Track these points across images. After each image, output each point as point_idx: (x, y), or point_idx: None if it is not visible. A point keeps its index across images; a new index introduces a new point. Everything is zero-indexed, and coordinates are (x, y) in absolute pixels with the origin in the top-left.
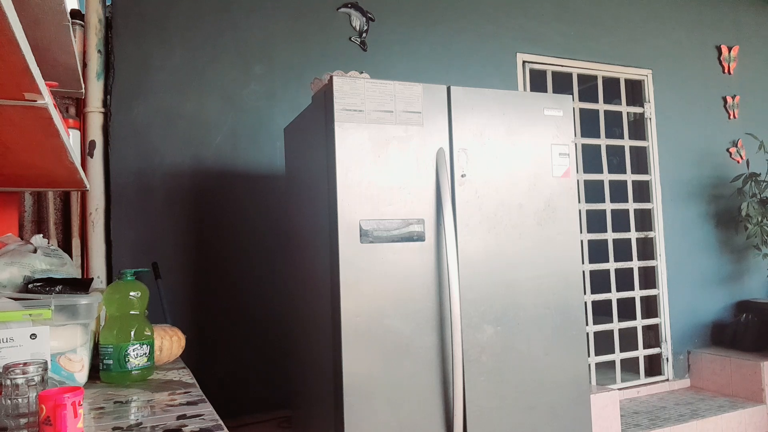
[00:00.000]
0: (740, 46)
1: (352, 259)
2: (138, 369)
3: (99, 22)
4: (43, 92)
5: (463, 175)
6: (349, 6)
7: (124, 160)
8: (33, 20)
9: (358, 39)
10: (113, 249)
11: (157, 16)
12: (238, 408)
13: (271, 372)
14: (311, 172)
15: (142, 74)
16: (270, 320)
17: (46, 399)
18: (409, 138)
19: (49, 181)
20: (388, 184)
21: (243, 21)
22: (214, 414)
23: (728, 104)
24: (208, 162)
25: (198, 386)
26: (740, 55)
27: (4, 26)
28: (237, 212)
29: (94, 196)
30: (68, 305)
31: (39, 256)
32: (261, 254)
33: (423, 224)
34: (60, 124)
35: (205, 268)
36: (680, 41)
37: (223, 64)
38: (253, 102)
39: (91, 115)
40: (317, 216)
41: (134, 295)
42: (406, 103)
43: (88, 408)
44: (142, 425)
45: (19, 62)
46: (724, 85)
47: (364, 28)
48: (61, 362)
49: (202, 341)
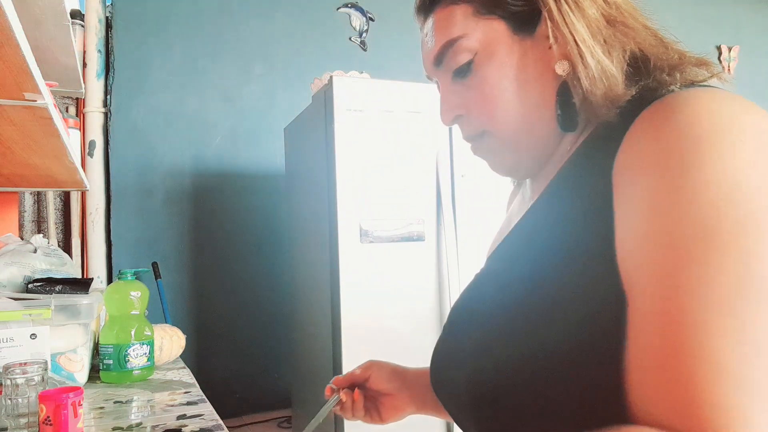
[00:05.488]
0: (740, 46)
1: (352, 259)
2: (138, 369)
3: (99, 22)
4: (43, 92)
5: (463, 175)
6: (349, 6)
7: (124, 160)
8: (33, 20)
9: (358, 39)
10: (113, 249)
11: (157, 16)
12: (238, 408)
13: (271, 372)
14: (311, 172)
15: (142, 74)
16: (270, 320)
17: (46, 399)
18: (409, 138)
19: (49, 181)
20: (388, 184)
21: (243, 21)
22: (214, 414)
23: None
24: (208, 162)
25: (198, 386)
26: (740, 55)
27: (4, 26)
28: (237, 212)
29: (94, 196)
30: (68, 305)
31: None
32: (261, 254)
33: (423, 224)
34: (60, 124)
35: (205, 268)
36: (680, 41)
37: (223, 64)
38: (253, 102)
39: (91, 115)
40: (317, 216)
41: (134, 295)
42: (406, 103)
43: (88, 408)
44: (142, 425)
45: (19, 62)
46: (724, 84)
47: (364, 28)
48: (61, 362)
49: (202, 341)
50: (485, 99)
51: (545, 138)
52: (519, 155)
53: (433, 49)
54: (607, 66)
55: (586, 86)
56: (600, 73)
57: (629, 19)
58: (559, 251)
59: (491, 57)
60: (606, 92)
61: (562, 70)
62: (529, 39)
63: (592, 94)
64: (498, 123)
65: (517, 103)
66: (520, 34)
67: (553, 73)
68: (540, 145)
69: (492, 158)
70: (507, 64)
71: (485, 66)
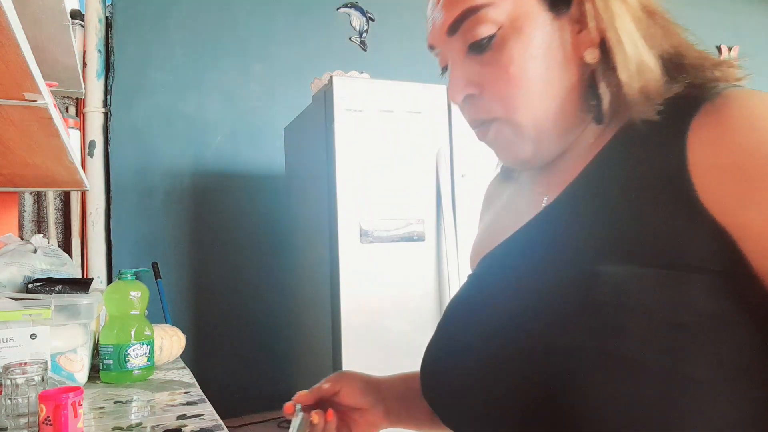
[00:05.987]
0: (740, 46)
1: (352, 259)
2: (138, 369)
3: (99, 22)
4: (43, 92)
5: (463, 175)
6: (349, 6)
7: (124, 160)
8: (33, 20)
9: (358, 39)
10: (113, 249)
11: (157, 16)
12: (238, 408)
13: (271, 372)
14: (311, 172)
15: (142, 74)
16: (270, 320)
17: (46, 399)
18: (409, 138)
19: (49, 181)
20: (388, 183)
21: (243, 21)
22: (214, 414)
23: None
24: (208, 162)
25: (198, 386)
26: (740, 55)
27: (5, 26)
28: (237, 212)
29: (94, 196)
30: (68, 305)
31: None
32: (261, 254)
33: (423, 224)
34: (60, 124)
35: (205, 268)
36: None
37: (223, 64)
38: (253, 102)
39: (91, 115)
40: (317, 216)
41: (134, 295)
42: (406, 103)
43: (88, 408)
44: (142, 425)
45: (19, 62)
46: None
47: (364, 28)
48: (61, 362)
49: (202, 341)
50: (508, 80)
51: (569, 128)
52: (538, 145)
53: (449, 15)
54: (648, 59)
55: (623, 78)
56: (639, 66)
57: (665, 13)
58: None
59: (519, 33)
60: (643, 86)
61: (592, 58)
62: (564, 16)
63: (628, 86)
64: (519, 108)
65: (542, 87)
66: (554, 11)
67: (579, 60)
68: (562, 136)
69: (503, 146)
70: (535, 44)
71: (511, 42)
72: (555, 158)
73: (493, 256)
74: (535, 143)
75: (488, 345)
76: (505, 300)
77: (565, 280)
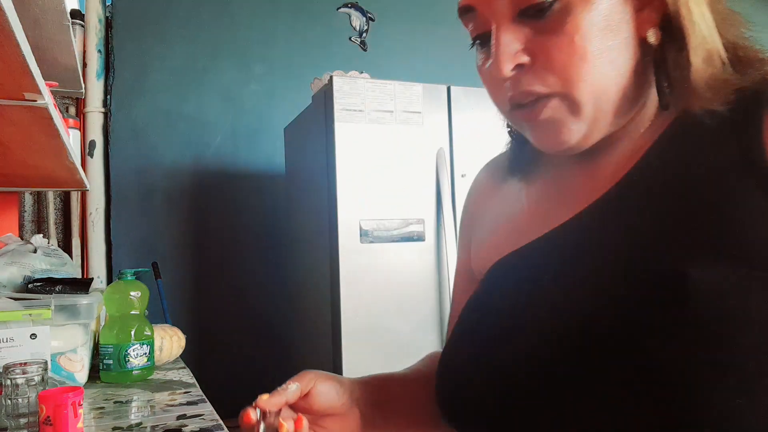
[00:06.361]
0: None
1: (352, 259)
2: (138, 369)
3: (99, 22)
4: (43, 92)
5: (463, 175)
6: (349, 6)
7: (124, 160)
8: (33, 20)
9: (358, 39)
10: (113, 249)
11: (157, 16)
12: (238, 408)
13: (272, 372)
14: (311, 172)
15: (142, 74)
16: (270, 320)
17: (46, 399)
18: (409, 138)
19: (49, 181)
20: (388, 183)
21: (243, 21)
22: (214, 414)
23: None
24: (208, 162)
25: (198, 386)
26: None
27: (5, 26)
28: (237, 212)
29: (94, 196)
30: (68, 305)
31: (39, 256)
32: (261, 254)
33: (423, 224)
34: (60, 124)
35: (205, 267)
36: None
37: (223, 64)
38: (253, 102)
39: (91, 115)
40: (317, 216)
41: (134, 295)
42: (406, 103)
43: (88, 408)
44: (142, 425)
45: (19, 62)
46: None
47: (364, 28)
48: (61, 362)
49: (202, 341)
50: (573, 50)
51: (624, 111)
52: (591, 127)
53: None
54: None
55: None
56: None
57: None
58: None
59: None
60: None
61: (654, 39)
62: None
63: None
64: (580, 83)
65: (607, 64)
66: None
67: (639, 39)
68: (616, 119)
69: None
70: (602, 13)
71: (579, 8)
72: (592, 146)
73: (528, 257)
74: (590, 125)
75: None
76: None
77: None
